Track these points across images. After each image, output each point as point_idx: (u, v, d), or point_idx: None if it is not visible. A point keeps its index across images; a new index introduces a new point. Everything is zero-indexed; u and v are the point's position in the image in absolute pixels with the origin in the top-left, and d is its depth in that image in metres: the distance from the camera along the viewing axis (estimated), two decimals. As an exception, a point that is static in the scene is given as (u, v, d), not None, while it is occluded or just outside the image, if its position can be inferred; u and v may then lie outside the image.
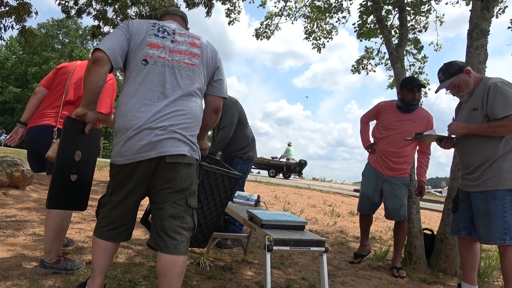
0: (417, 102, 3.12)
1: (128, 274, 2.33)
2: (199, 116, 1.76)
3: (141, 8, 7.89)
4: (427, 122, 3.12)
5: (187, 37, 1.82)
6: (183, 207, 1.68)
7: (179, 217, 1.67)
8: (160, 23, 1.82)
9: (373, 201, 3.25)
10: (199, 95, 1.78)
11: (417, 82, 3.09)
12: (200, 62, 1.79)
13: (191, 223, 1.71)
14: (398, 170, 3.15)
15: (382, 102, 3.35)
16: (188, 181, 1.69)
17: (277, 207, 6.22)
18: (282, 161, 16.93)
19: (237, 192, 3.05)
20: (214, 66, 1.86)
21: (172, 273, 1.62)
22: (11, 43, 38.10)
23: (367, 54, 7.76)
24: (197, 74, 1.77)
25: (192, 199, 1.73)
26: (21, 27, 7.70)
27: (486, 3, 3.14)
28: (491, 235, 2.30)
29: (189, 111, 1.70)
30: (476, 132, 2.36)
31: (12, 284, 2.01)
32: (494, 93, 2.28)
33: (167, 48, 1.73)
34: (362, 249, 3.40)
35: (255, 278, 2.61)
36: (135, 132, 1.60)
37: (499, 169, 2.29)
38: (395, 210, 3.13)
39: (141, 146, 1.60)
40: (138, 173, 1.65)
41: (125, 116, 1.64)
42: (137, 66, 1.69)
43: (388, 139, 3.16)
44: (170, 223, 1.65)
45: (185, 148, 1.67)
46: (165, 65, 1.70)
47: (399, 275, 3.03)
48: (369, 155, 3.37)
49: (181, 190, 1.67)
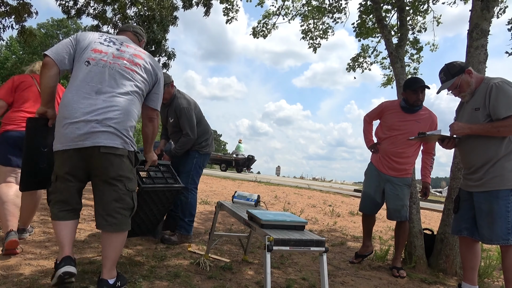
0: (421, 103, 3.09)
1: (128, 274, 2.33)
2: (133, 113, 1.97)
3: (139, 8, 7.89)
4: (431, 122, 3.09)
5: (133, 50, 2.10)
6: (123, 191, 1.94)
7: (119, 200, 1.93)
8: (109, 35, 2.12)
9: (375, 201, 3.23)
10: (136, 96, 2.01)
11: (421, 84, 3.05)
12: (140, 70, 2.05)
13: (130, 204, 1.98)
14: (400, 170, 3.14)
15: (385, 102, 3.32)
16: (123, 169, 1.93)
17: (277, 207, 6.22)
18: (232, 156, 18.60)
19: (237, 192, 3.05)
20: (154, 79, 2.13)
21: (114, 247, 1.92)
22: (11, 43, 38.08)
23: (363, 52, 7.76)
24: (136, 78, 2.01)
25: (130, 184, 1.98)
26: (20, 27, 7.70)
27: (486, 3, 3.14)
28: (494, 235, 2.29)
29: (123, 107, 1.91)
30: (478, 133, 2.36)
31: (12, 284, 2.01)
32: (496, 93, 2.28)
33: (110, 54, 2.00)
34: (364, 249, 3.38)
35: (255, 278, 2.61)
36: (73, 121, 1.83)
37: (502, 169, 2.28)
38: (396, 211, 3.12)
39: (78, 135, 1.83)
40: (75, 160, 1.89)
41: (65, 107, 1.87)
42: (80, 66, 1.95)
43: (392, 139, 3.14)
44: (111, 205, 1.92)
45: (118, 141, 1.89)
46: (106, 67, 1.95)
47: (399, 275, 3.02)
48: (372, 154, 3.35)
49: (118, 177, 1.93)
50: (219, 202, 2.89)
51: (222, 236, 3.19)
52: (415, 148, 3.15)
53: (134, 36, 2.29)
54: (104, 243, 1.94)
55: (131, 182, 1.99)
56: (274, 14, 7.90)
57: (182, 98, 3.39)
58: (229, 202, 2.99)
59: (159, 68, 2.18)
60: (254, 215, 2.15)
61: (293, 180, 19.60)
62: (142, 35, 2.37)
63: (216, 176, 11.20)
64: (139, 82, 2.02)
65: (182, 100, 3.37)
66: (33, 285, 2.03)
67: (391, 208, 3.14)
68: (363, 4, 6.33)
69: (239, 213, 2.47)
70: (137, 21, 8.10)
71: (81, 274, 2.22)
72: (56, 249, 2.76)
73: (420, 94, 3.05)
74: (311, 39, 7.93)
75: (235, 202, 2.96)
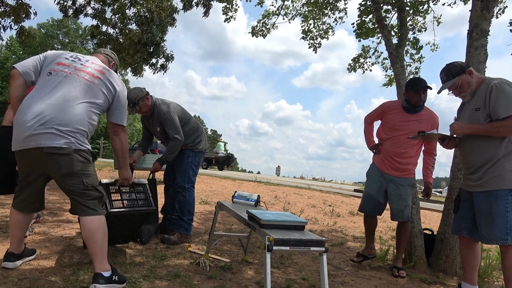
0: (423, 103, 3.10)
1: (128, 274, 2.33)
2: (82, 118, 2.06)
3: (138, 8, 7.87)
4: (433, 122, 3.09)
5: (97, 66, 2.26)
6: (80, 187, 2.05)
7: (80, 195, 2.06)
8: (78, 54, 2.30)
9: (377, 201, 3.20)
10: (92, 105, 2.12)
11: (423, 84, 3.05)
12: (99, 84, 2.18)
13: (94, 195, 2.10)
14: (403, 170, 3.12)
15: (387, 102, 3.30)
16: (74, 167, 2.02)
17: (277, 207, 6.22)
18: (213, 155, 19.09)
19: (237, 192, 3.05)
20: (113, 94, 2.23)
21: (87, 229, 2.05)
22: (11, 43, 38.05)
23: (364, 53, 7.75)
24: (93, 90, 2.14)
25: (89, 179, 2.08)
26: (19, 28, 7.68)
27: (486, 3, 3.14)
28: (493, 235, 2.30)
29: (71, 112, 2.02)
30: (478, 133, 2.36)
31: (12, 284, 2.01)
32: (496, 93, 2.28)
33: (72, 67, 2.16)
34: (367, 250, 3.33)
35: (255, 278, 2.61)
36: (22, 124, 1.97)
37: (501, 169, 2.29)
38: (399, 211, 3.11)
39: (24, 137, 1.97)
40: (26, 159, 2.07)
41: (20, 111, 2.04)
42: (43, 76, 2.12)
43: (394, 140, 3.13)
44: (74, 199, 2.07)
45: (61, 141, 1.98)
46: (65, 77, 2.10)
47: (399, 275, 3.02)
48: (374, 155, 3.33)
49: (71, 174, 2.03)
50: (219, 202, 2.89)
51: (222, 236, 3.19)
52: (417, 148, 3.14)
53: (105, 58, 2.47)
54: (84, 235, 2.08)
55: (90, 178, 2.08)
56: (274, 14, 7.90)
57: (162, 104, 3.39)
58: (229, 202, 2.99)
59: (118, 85, 2.28)
60: (254, 215, 2.16)
61: (293, 180, 19.59)
62: (112, 58, 2.54)
63: (216, 176, 11.20)
64: (96, 94, 2.15)
65: (162, 106, 3.37)
66: (33, 285, 2.03)
67: (395, 208, 3.13)
68: (363, 4, 6.33)
69: (239, 213, 2.47)
70: (136, 22, 8.08)
71: (80, 273, 2.22)
72: (57, 249, 2.76)
73: (422, 94, 3.05)
74: (311, 39, 7.92)
75: (235, 202, 2.96)
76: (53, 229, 3.36)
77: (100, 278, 1.97)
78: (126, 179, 2.51)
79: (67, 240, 3.02)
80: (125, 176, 2.50)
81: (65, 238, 3.08)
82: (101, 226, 2.07)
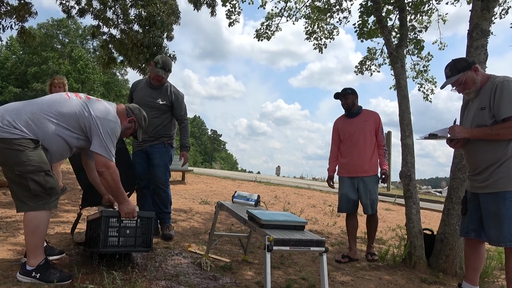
0: (349, 106, 3.57)
1: (128, 275, 2.33)
2: (19, 113, 2.10)
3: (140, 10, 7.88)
4: (375, 118, 3.55)
5: (91, 99, 2.37)
6: (13, 176, 2.07)
7: (15, 184, 2.09)
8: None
9: (351, 199, 3.52)
10: (52, 113, 2.16)
11: (338, 93, 3.60)
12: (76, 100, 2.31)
13: (27, 186, 2.05)
14: (368, 170, 3.49)
15: (335, 120, 3.78)
16: (2, 156, 2.05)
17: (277, 207, 6.22)
18: None
19: (237, 192, 3.05)
20: (87, 125, 2.24)
21: (25, 229, 2.08)
22: (11, 43, 38.06)
23: (370, 55, 7.72)
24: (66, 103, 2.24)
25: (21, 167, 2.04)
26: (20, 28, 7.68)
27: (486, 3, 3.13)
28: (501, 237, 2.26)
29: (18, 108, 2.13)
30: (478, 137, 2.33)
31: (13, 284, 2.02)
32: (500, 92, 2.24)
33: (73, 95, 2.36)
34: (351, 253, 3.47)
35: (255, 278, 2.61)
36: None
37: (509, 170, 2.25)
38: (368, 205, 3.48)
39: None
40: None
41: None
42: None
43: (351, 141, 3.54)
44: (13, 190, 2.12)
45: None
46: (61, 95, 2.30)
47: (372, 258, 3.45)
48: (338, 170, 3.70)
49: (1, 164, 2.12)
50: (219, 202, 2.90)
51: (222, 236, 3.19)
52: (373, 145, 3.53)
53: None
54: None
55: (21, 166, 2.04)
56: (277, 15, 7.87)
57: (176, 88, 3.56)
58: (229, 202, 2.99)
59: (89, 120, 2.27)
60: (254, 215, 2.16)
61: (293, 180, 19.61)
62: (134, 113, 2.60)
63: (216, 176, 11.20)
64: (63, 105, 2.24)
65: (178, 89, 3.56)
66: (33, 285, 2.03)
67: (365, 203, 3.50)
68: (364, 4, 6.33)
69: (239, 213, 2.47)
70: (139, 23, 8.09)
71: (80, 273, 2.22)
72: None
73: (343, 99, 3.56)
74: (315, 40, 7.90)
75: (235, 202, 2.96)
76: (52, 229, 3.36)
77: (21, 269, 2.10)
78: (128, 214, 2.35)
79: (67, 240, 3.02)
80: (126, 211, 2.34)
81: (65, 238, 3.08)
82: (28, 223, 2.07)
